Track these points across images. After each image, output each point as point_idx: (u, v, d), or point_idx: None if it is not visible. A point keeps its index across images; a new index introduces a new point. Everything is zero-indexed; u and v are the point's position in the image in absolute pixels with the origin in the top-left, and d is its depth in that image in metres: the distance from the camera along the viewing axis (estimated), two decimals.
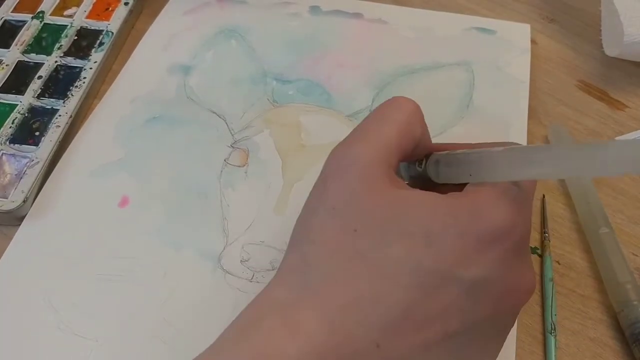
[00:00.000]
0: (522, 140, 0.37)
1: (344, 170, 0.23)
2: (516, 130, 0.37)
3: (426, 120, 0.38)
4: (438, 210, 0.22)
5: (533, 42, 0.42)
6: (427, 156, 0.27)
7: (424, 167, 0.26)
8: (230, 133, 0.37)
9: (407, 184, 0.28)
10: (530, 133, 0.37)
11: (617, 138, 0.37)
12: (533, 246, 0.32)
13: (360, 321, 0.21)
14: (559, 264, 0.32)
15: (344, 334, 0.21)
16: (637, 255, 0.32)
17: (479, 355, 0.24)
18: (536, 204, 0.34)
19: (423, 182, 0.26)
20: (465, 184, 0.24)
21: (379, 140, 0.24)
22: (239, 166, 0.36)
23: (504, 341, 0.25)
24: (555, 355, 0.29)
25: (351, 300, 0.21)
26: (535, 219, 0.34)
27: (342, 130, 0.38)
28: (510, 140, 0.36)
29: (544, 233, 0.33)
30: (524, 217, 0.23)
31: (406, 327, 0.21)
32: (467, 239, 0.22)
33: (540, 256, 0.32)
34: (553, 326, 0.29)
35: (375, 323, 0.21)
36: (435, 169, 0.26)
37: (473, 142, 0.36)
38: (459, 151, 0.25)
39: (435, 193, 0.23)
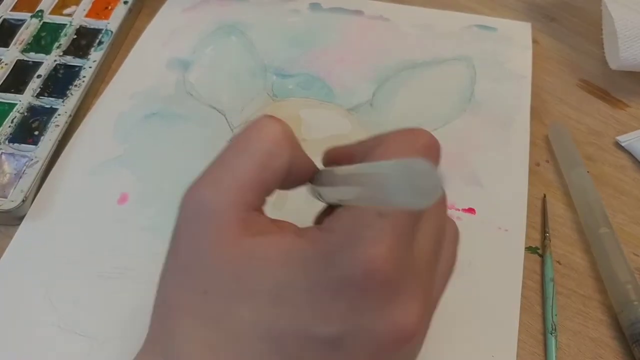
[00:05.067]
0: (525, 135, 0.37)
1: (192, 221, 0.21)
2: (518, 124, 0.37)
3: (427, 114, 0.38)
4: (286, 261, 0.20)
5: (534, 41, 0.42)
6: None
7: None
8: (230, 128, 0.37)
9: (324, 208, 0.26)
10: (531, 132, 0.37)
11: (618, 137, 0.37)
12: (534, 246, 0.32)
13: None
14: (560, 264, 0.32)
15: None
16: (637, 255, 0.32)
17: None
18: (537, 204, 0.34)
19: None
20: None
21: (231, 180, 0.21)
22: None
23: None
24: (555, 356, 0.29)
25: None
26: (536, 219, 0.34)
27: (342, 123, 0.38)
28: (513, 136, 0.36)
29: (545, 233, 0.33)
30: (384, 255, 0.19)
31: None
32: (319, 291, 0.19)
33: (541, 256, 0.32)
34: (554, 326, 0.29)
35: None
36: (315, 192, 0.23)
37: (474, 136, 0.36)
38: (322, 169, 0.23)
39: (289, 236, 0.21)
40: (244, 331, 0.20)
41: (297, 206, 0.33)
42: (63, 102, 0.38)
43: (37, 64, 0.40)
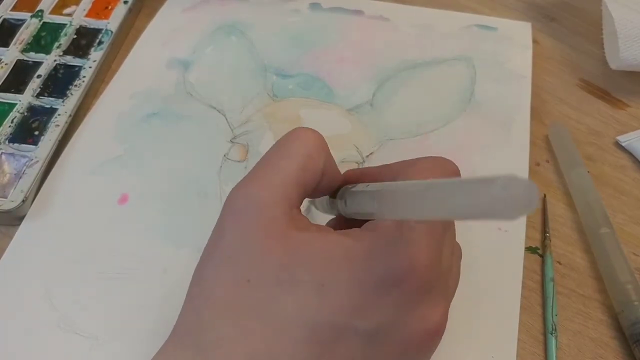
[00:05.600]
0: (525, 135, 0.37)
1: (240, 214, 0.22)
2: (518, 125, 0.37)
3: (427, 114, 0.38)
4: (332, 255, 0.21)
5: (534, 41, 0.42)
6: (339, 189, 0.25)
7: (336, 202, 0.25)
8: (230, 128, 0.37)
9: (333, 219, 0.27)
10: (531, 132, 0.37)
11: (618, 137, 0.37)
12: (534, 246, 0.32)
13: None
14: (560, 264, 0.32)
15: None
16: (638, 255, 0.32)
17: None
18: (537, 204, 0.34)
19: (348, 218, 0.25)
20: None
21: (277, 179, 0.23)
22: (239, 161, 0.36)
23: None
24: (555, 356, 0.29)
25: None
26: (536, 219, 0.34)
27: (342, 124, 0.38)
28: (513, 136, 0.36)
29: (545, 233, 0.33)
30: (425, 256, 0.21)
31: None
32: (362, 286, 0.20)
33: (541, 256, 0.32)
34: (554, 326, 0.29)
35: None
36: (342, 206, 0.24)
37: (474, 136, 0.36)
38: (356, 186, 0.24)
39: (333, 234, 0.22)
40: (284, 320, 0.20)
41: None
42: (63, 102, 0.38)
43: (37, 64, 0.40)
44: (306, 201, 0.27)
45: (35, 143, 0.36)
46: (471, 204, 0.15)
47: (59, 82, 0.39)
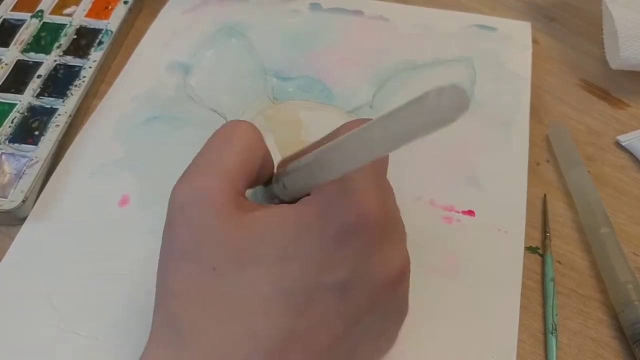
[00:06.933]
0: (525, 135, 0.37)
1: (189, 208, 0.22)
2: (518, 125, 0.37)
3: None
4: (287, 223, 0.22)
5: (534, 41, 0.42)
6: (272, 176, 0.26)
7: (273, 188, 0.26)
8: None
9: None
10: (531, 132, 0.37)
11: (618, 137, 0.37)
12: (534, 246, 0.32)
13: None
14: (560, 263, 0.32)
15: None
16: (638, 255, 0.32)
17: (379, 343, 0.25)
18: (537, 204, 0.34)
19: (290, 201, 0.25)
20: None
21: (220, 169, 0.23)
22: None
23: (402, 322, 0.25)
24: (556, 356, 0.29)
25: (228, 347, 0.20)
26: (537, 219, 0.34)
27: None
28: (513, 136, 0.37)
29: (545, 233, 0.33)
30: (373, 201, 0.22)
31: (292, 350, 0.21)
32: (322, 243, 0.21)
33: (542, 256, 0.32)
34: (554, 326, 0.29)
35: (260, 358, 0.20)
36: (281, 188, 0.25)
37: (474, 136, 0.37)
38: (288, 166, 0.25)
39: (283, 205, 0.23)
40: (255, 296, 0.21)
41: None
42: (63, 102, 0.38)
43: (37, 64, 0.40)
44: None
45: (35, 143, 0.36)
46: (411, 124, 0.16)
47: (59, 82, 0.39)
